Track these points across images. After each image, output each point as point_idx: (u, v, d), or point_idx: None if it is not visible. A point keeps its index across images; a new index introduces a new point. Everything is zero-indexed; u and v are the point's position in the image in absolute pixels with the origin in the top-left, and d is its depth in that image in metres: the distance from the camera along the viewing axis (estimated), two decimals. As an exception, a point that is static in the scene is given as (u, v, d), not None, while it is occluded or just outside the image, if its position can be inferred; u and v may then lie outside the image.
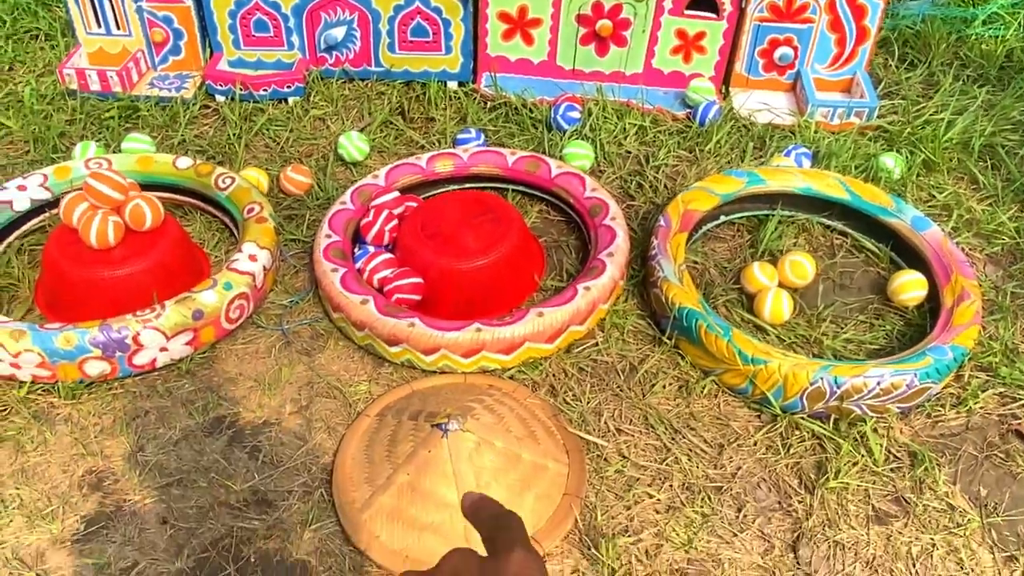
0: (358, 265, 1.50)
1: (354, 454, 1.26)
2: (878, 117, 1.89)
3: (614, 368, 1.41)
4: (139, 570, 1.15)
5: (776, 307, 1.45)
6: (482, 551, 0.35)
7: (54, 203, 1.57)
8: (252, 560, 1.16)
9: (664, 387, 1.38)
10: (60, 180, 1.62)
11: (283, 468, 1.27)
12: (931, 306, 1.47)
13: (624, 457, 1.28)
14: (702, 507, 1.22)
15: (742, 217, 1.69)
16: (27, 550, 1.17)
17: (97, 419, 1.34)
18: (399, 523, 1.16)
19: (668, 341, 1.42)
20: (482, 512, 0.37)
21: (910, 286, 1.48)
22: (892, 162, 1.75)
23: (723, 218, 1.68)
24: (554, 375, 1.39)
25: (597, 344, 1.44)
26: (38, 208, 1.62)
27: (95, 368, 1.33)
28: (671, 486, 1.24)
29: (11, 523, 1.20)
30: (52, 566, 1.16)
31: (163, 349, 1.36)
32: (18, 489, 1.24)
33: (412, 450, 1.20)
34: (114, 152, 1.78)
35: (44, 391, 1.36)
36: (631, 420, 1.33)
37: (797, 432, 1.31)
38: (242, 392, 1.38)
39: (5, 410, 1.34)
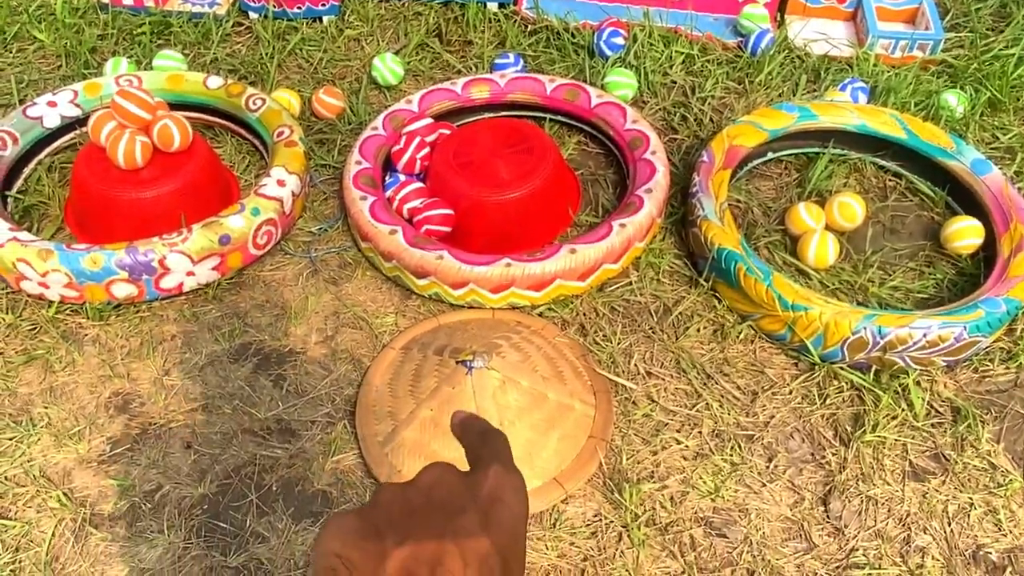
0: (388, 194, 1.46)
1: (378, 387, 1.24)
2: (942, 51, 1.78)
3: (647, 309, 1.37)
4: (163, 493, 1.16)
5: (821, 251, 1.38)
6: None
7: (84, 120, 1.54)
8: (274, 488, 1.16)
9: (698, 331, 1.33)
10: (90, 97, 1.60)
11: (307, 398, 1.26)
12: (986, 255, 1.39)
13: (653, 401, 1.25)
14: (731, 455, 1.19)
15: (791, 155, 1.61)
16: (54, 468, 1.18)
17: (124, 341, 1.34)
18: (420, 457, 1.14)
19: (705, 283, 1.37)
20: (469, 429, 0.36)
21: (965, 233, 1.41)
22: (955, 100, 1.65)
23: (770, 155, 1.60)
24: (585, 314, 1.35)
25: (631, 284, 1.39)
26: (68, 125, 1.59)
27: (122, 291, 1.32)
28: (700, 433, 1.21)
29: (39, 441, 1.21)
30: (78, 485, 1.17)
31: (190, 273, 1.35)
32: (47, 408, 1.25)
33: (436, 386, 1.18)
34: (145, 69, 1.75)
35: (72, 311, 1.36)
36: (662, 363, 1.30)
37: (835, 382, 1.26)
38: (268, 319, 1.37)
39: (35, 329, 1.34)
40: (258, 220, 1.38)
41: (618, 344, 1.31)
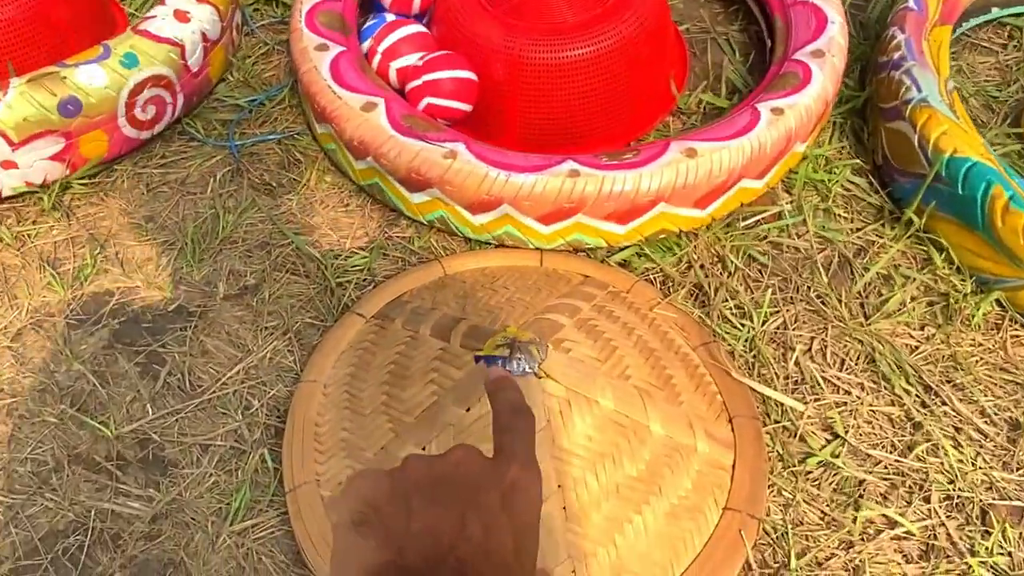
0: (366, 44, 0.86)
1: (329, 387, 0.67)
2: None
3: (812, 262, 0.78)
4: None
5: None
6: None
7: None
8: (113, 586, 0.60)
9: (903, 305, 0.75)
10: None
11: (199, 400, 0.69)
12: None
13: (836, 436, 0.67)
14: (991, 548, 0.62)
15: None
16: None
17: None
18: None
19: (914, 218, 0.78)
20: (502, 399, 0.34)
21: None
22: None
23: (995, 12, 0.98)
24: (704, 266, 0.77)
25: (782, 215, 0.80)
26: None
27: None
28: (927, 502, 0.64)
29: None
30: None
31: (8, 166, 0.76)
32: None
33: (435, 404, 0.61)
34: None
35: None
36: (845, 360, 0.72)
37: None
38: (147, 253, 0.79)
39: None
40: (136, 78, 0.79)
41: (764, 323, 0.73)
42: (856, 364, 0.72)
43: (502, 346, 0.58)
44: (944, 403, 0.69)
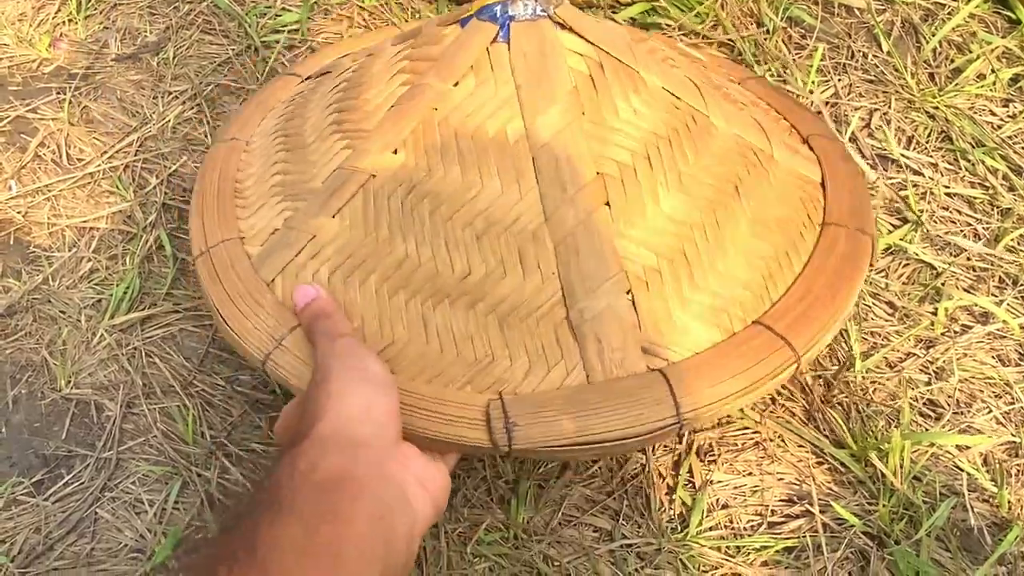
0: None
1: (255, 145, 0.49)
2: None
3: (869, 25, 0.62)
4: None
5: None
6: None
7: None
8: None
9: (984, 76, 0.59)
10: None
11: (78, 176, 0.53)
12: None
13: (904, 220, 0.52)
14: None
15: None
16: None
17: None
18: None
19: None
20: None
21: None
22: None
23: None
24: (736, 25, 0.61)
25: (829, -29, 0.64)
26: None
27: None
28: (1022, 297, 0.49)
29: None
30: None
31: None
32: None
33: (409, 93, 0.42)
34: None
35: None
36: (914, 136, 0.57)
37: None
38: (20, 7, 0.61)
39: None
40: None
41: (811, 93, 0.57)
42: (927, 141, 0.56)
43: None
44: (1042, 188, 0.54)
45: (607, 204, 0.38)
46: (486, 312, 0.37)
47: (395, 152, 0.40)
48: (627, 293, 0.37)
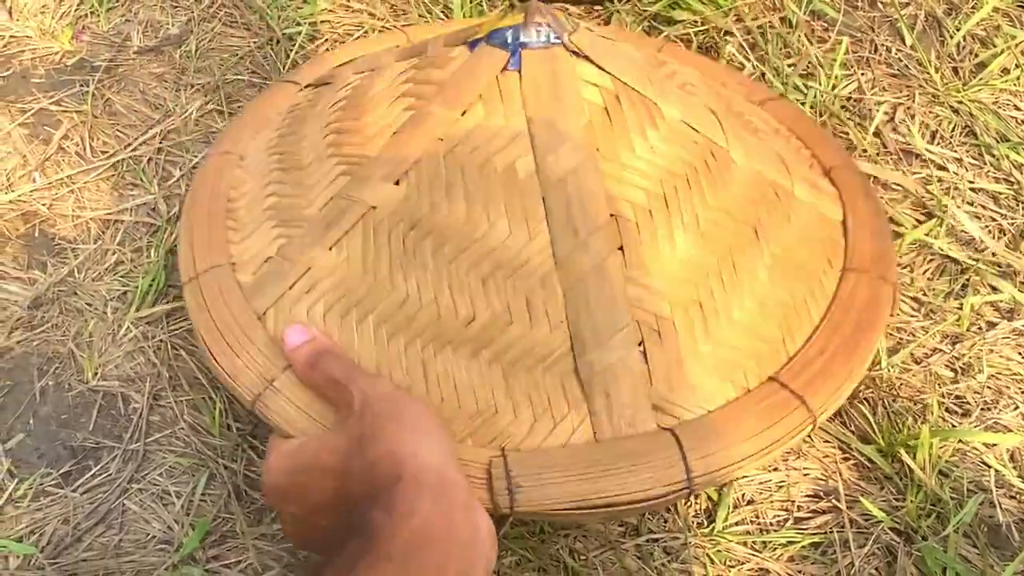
0: None
1: (249, 161, 0.49)
2: None
3: (892, 20, 0.62)
4: None
5: None
6: None
7: None
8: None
9: (1008, 71, 0.59)
10: None
11: (102, 168, 0.53)
12: None
13: (929, 216, 0.52)
14: None
15: None
16: None
17: None
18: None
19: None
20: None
21: None
22: None
23: None
24: (758, 18, 0.60)
25: (853, -36, 0.64)
26: None
27: None
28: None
29: None
30: None
31: None
32: None
33: (412, 120, 0.41)
34: None
35: None
36: (938, 131, 0.56)
37: None
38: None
39: None
40: None
41: (834, 88, 0.57)
42: (951, 136, 0.56)
43: (511, 12, 0.41)
44: (1068, 182, 0.54)
45: (620, 248, 0.36)
46: (490, 360, 0.36)
47: (396, 183, 0.38)
48: (639, 345, 0.35)
